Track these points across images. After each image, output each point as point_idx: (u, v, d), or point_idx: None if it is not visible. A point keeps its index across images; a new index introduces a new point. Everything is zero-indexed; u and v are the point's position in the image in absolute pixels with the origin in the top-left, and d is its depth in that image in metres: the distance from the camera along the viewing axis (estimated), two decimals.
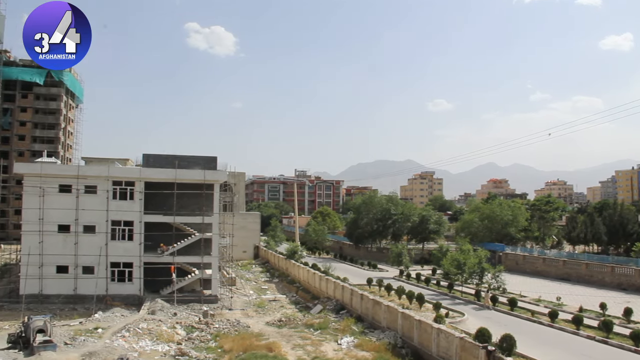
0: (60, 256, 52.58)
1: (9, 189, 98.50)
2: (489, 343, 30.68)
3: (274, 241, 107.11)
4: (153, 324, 43.00)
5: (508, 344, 31.91)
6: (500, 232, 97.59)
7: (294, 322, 46.23)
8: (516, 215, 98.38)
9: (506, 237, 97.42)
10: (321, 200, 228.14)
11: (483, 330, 33.44)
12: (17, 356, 34.87)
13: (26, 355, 34.87)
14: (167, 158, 58.45)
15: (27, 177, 54.04)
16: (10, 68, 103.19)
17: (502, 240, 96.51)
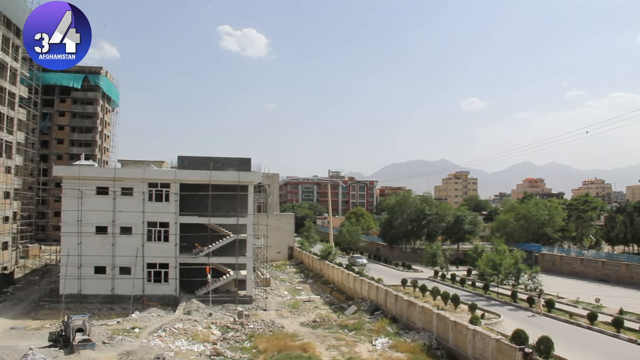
0: (98, 257, 53.50)
1: (48, 192, 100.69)
2: (525, 345, 30.19)
3: (308, 242, 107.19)
4: (189, 324, 43.43)
5: (545, 346, 31.40)
6: (537, 232, 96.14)
7: (328, 323, 46.20)
8: (553, 215, 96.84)
9: (542, 237, 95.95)
10: (355, 201, 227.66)
11: (520, 332, 32.96)
12: (57, 354, 35.64)
13: (66, 353, 35.62)
14: (201, 160, 58.95)
15: (65, 180, 55.12)
16: (49, 73, 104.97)
17: (539, 240, 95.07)
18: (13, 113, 72.11)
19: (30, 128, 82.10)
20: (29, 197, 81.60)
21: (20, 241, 77.40)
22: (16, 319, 46.76)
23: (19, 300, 55.08)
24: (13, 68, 72.10)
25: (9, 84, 70.69)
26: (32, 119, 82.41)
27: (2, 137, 68.56)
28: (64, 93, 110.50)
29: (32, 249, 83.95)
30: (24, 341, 38.61)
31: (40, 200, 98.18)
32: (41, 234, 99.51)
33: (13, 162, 72.67)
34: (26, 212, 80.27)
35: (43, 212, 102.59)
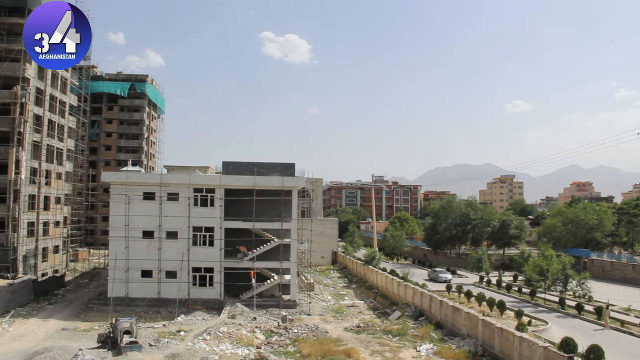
0: (145, 261, 54.33)
1: (97, 197, 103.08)
2: (574, 353, 29.40)
3: (352, 247, 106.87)
4: (233, 328, 43.73)
5: (595, 355, 30.44)
6: (585, 237, 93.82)
7: (372, 328, 45.94)
8: (602, 219, 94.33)
9: (591, 242, 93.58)
10: (399, 206, 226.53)
11: (568, 340, 32.13)
12: (106, 355, 36.45)
13: (114, 354, 36.35)
14: (246, 165, 59.42)
15: (113, 186, 56.25)
16: (97, 82, 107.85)
17: (587, 245, 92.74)
18: (63, 121, 74.12)
19: (79, 135, 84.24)
20: (78, 202, 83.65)
21: (71, 245, 79.46)
22: (67, 320, 47.99)
23: (69, 302, 56.50)
24: (63, 77, 74.14)
25: (60, 93, 72.69)
26: (81, 126, 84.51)
27: (53, 145, 70.49)
28: (111, 101, 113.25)
29: (81, 252, 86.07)
30: (74, 342, 39.59)
31: (89, 206, 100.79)
32: (90, 238, 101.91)
33: (64, 168, 74.68)
34: (76, 217, 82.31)
35: (92, 216, 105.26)
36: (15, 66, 61.63)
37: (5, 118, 61.30)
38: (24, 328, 45.09)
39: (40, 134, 66.41)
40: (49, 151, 69.66)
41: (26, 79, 62.59)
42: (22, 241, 61.82)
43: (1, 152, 60.68)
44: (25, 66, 62.12)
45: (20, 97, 61.38)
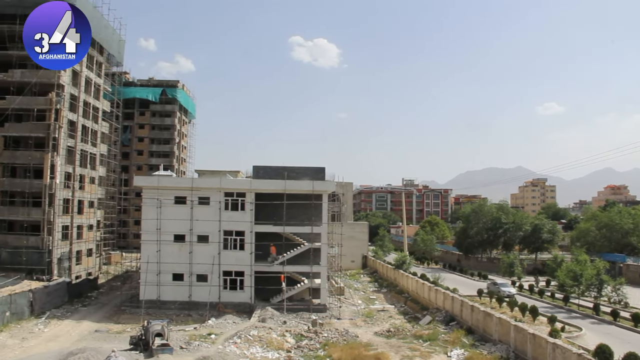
0: (176, 264, 54.87)
1: (129, 201, 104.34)
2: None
3: (382, 251, 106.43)
4: (263, 332, 43.90)
5: None
6: (621, 242, 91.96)
7: (402, 333, 45.75)
8: (638, 223, 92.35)
9: (627, 247, 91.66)
10: (429, 210, 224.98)
11: (603, 347, 31.55)
12: (138, 357, 36.95)
13: (146, 357, 36.79)
14: (276, 169, 59.61)
15: (145, 190, 56.97)
16: (129, 88, 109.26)
17: (623, 250, 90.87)
18: (97, 126, 75.28)
19: (112, 140, 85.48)
20: (111, 206, 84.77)
21: (103, 248, 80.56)
22: (100, 322, 48.67)
23: (102, 305, 57.31)
24: (97, 84, 75.32)
25: (93, 99, 73.87)
26: (114, 131, 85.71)
27: (87, 150, 71.62)
28: (143, 106, 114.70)
29: (114, 256, 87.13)
30: (107, 343, 40.15)
31: (121, 209, 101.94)
32: (122, 242, 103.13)
33: (97, 173, 75.84)
34: (109, 221, 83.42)
35: (124, 220, 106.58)
36: (50, 73, 62.69)
37: (40, 124, 62.50)
38: (59, 329, 45.91)
39: (74, 139, 67.55)
40: (83, 156, 70.81)
41: (61, 86, 63.73)
42: (57, 244, 62.87)
43: (37, 157, 61.86)
44: (59, 73, 63.22)
45: (55, 103, 62.49)
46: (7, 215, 62.79)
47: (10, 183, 63.06)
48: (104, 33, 74.89)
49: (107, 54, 78.67)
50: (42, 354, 38.09)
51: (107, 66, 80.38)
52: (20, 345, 40.47)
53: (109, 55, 79.62)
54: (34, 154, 62.30)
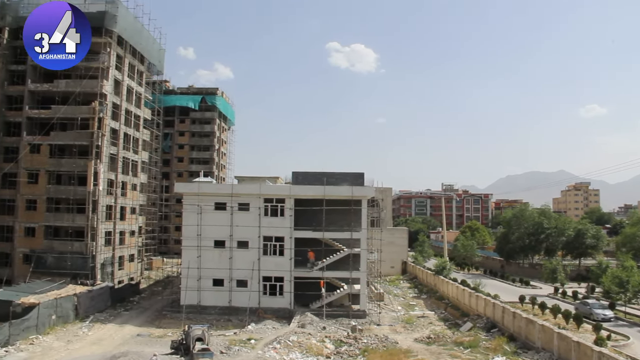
0: (217, 270, 55.30)
1: (170, 207, 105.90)
2: None
3: (422, 256, 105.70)
4: (303, 337, 43.85)
5: None
6: None
7: (443, 340, 45.25)
8: None
9: None
10: (469, 215, 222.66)
11: None
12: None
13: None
14: (315, 175, 59.63)
15: (186, 196, 57.60)
16: (170, 96, 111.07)
17: None
18: (138, 134, 76.59)
19: (153, 148, 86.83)
20: (152, 212, 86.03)
21: (145, 254, 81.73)
22: (142, 327, 49.37)
23: (144, 309, 58.11)
24: (138, 92, 76.70)
25: (135, 107, 75.21)
26: (155, 139, 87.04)
27: (128, 157, 72.87)
28: (183, 114, 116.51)
29: (155, 261, 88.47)
30: (148, 347, 40.77)
31: (162, 216, 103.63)
32: (163, 247, 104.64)
33: (138, 179, 77.10)
34: (150, 227, 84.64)
35: (165, 226, 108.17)
36: (93, 83, 64.21)
37: (84, 132, 63.91)
38: (102, 333, 46.72)
39: (116, 146, 68.86)
40: (125, 163, 72.10)
41: (103, 95, 65.06)
42: (100, 250, 64.10)
43: (81, 164, 63.23)
44: (102, 82, 64.66)
45: (98, 112, 63.82)
46: (53, 221, 64.29)
47: (56, 190, 64.59)
48: (144, 43, 76.28)
49: (147, 63, 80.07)
50: (86, 357, 38.89)
51: (147, 75, 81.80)
52: (66, 347, 41.39)
53: (150, 64, 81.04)
54: (78, 161, 63.72)
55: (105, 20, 65.05)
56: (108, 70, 66.03)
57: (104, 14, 65.04)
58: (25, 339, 41.73)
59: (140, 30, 74.73)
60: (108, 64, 65.94)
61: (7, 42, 66.16)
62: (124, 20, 68.66)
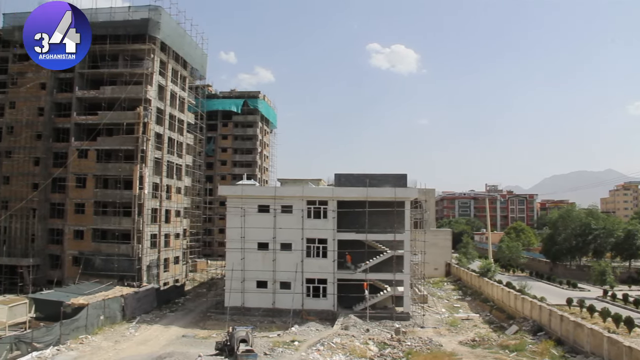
0: (260, 272, 55.71)
1: (214, 210, 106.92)
2: None
3: (466, 258, 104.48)
4: (346, 339, 43.80)
5: None
6: None
7: (488, 343, 44.61)
8: None
9: None
10: (514, 216, 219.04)
11: None
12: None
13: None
14: (357, 177, 59.53)
15: (229, 199, 58.15)
16: (212, 100, 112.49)
17: None
18: (182, 138, 77.69)
19: (197, 151, 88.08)
20: (196, 215, 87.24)
21: (190, 256, 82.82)
22: (187, 328, 50.04)
23: (188, 311, 58.87)
24: (181, 97, 77.84)
25: (178, 112, 76.35)
26: (198, 142, 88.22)
27: (173, 161, 73.96)
28: (226, 118, 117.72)
29: (199, 263, 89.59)
30: (193, 348, 41.33)
31: (206, 218, 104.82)
32: (207, 250, 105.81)
33: (183, 183, 78.19)
34: (194, 229, 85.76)
35: (209, 229, 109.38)
36: (138, 89, 65.48)
37: (130, 137, 65.19)
38: (148, 333, 47.54)
39: (161, 151, 69.96)
40: (169, 167, 73.20)
41: (148, 100, 66.24)
42: (146, 252, 65.24)
43: (127, 169, 64.48)
44: (147, 88, 65.85)
45: (143, 117, 65.00)
46: (101, 224, 65.71)
47: (103, 194, 66.06)
48: (187, 48, 77.42)
49: (190, 68, 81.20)
50: (133, 357, 39.65)
51: (190, 80, 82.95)
52: (114, 347, 42.30)
53: (193, 69, 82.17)
54: (124, 165, 65.00)
55: (148, 27, 66.39)
56: (152, 76, 67.24)
57: (147, 22, 66.41)
58: (75, 338, 42.84)
59: (183, 36, 75.85)
60: (152, 70, 67.15)
61: None
62: (167, 26, 69.83)
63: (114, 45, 66.80)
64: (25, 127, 67.82)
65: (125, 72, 66.76)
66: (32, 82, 68.37)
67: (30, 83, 68.35)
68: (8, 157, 68.63)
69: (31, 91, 68.40)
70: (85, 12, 66.39)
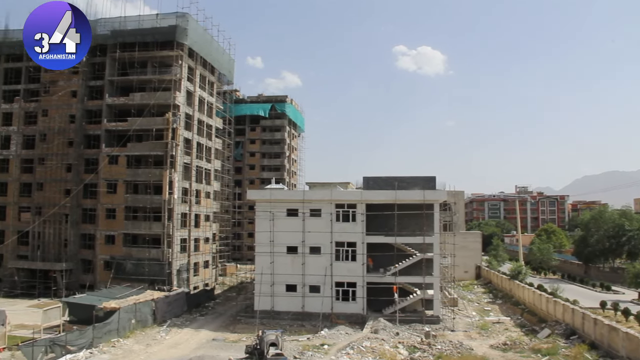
0: (289, 276, 55.79)
1: (242, 214, 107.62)
2: None
3: (496, 261, 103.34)
4: (376, 343, 43.70)
5: None
6: None
7: (519, 346, 44.07)
8: None
9: None
10: (544, 217, 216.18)
11: None
12: None
13: None
14: (386, 180, 59.42)
15: (258, 203, 58.46)
16: (240, 105, 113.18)
17: None
18: (210, 143, 78.27)
19: (225, 156, 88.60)
20: (226, 219, 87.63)
21: (219, 260, 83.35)
22: (217, 331, 50.33)
23: (218, 314, 59.23)
24: (209, 102, 78.48)
25: (207, 117, 76.96)
26: (226, 147, 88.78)
27: (202, 166, 74.54)
28: (253, 122, 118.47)
29: (229, 267, 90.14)
30: (223, 352, 41.59)
31: (235, 222, 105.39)
32: (237, 254, 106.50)
33: (212, 187, 78.75)
34: (224, 234, 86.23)
35: (238, 233, 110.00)
36: (167, 95, 66.17)
37: (159, 143, 65.86)
38: (179, 337, 47.95)
39: (190, 156, 70.56)
40: (198, 172, 73.77)
41: (176, 106, 66.90)
42: (176, 256, 65.74)
43: (156, 174, 65.11)
44: (175, 94, 66.52)
45: (172, 123, 65.61)
46: (131, 229, 66.48)
47: (133, 199, 66.82)
48: (214, 54, 78.04)
49: (218, 74, 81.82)
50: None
51: (218, 85, 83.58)
52: (145, 350, 42.78)
53: (220, 74, 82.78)
54: (154, 171, 65.65)
55: (176, 34, 67.07)
56: (180, 82, 67.89)
57: (175, 29, 67.09)
58: (107, 341, 43.40)
59: (210, 42, 76.48)
60: (180, 76, 67.81)
61: (85, 59, 69.10)
62: (195, 33, 70.46)
63: (142, 53, 67.70)
64: (57, 134, 68.99)
65: (154, 78, 67.55)
66: (63, 90, 69.59)
67: (61, 91, 69.57)
68: (41, 164, 69.88)
69: (63, 99, 69.61)
70: (114, 20, 68.77)
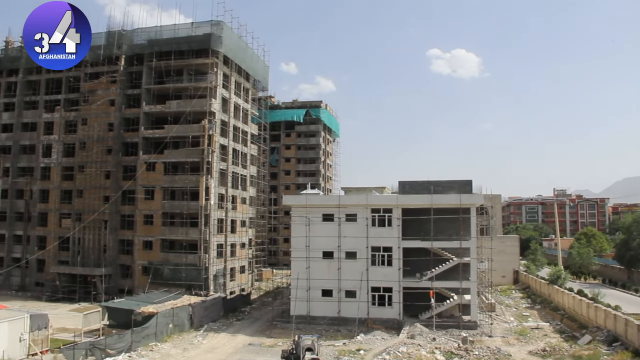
0: (325, 281, 55.83)
1: (278, 220, 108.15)
2: None
3: (534, 265, 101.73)
4: (412, 348, 43.41)
5: None
6: None
7: (559, 353, 43.28)
8: None
9: None
10: (584, 221, 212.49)
11: None
12: None
13: None
14: (421, 184, 59.04)
15: (294, 208, 58.65)
16: (275, 111, 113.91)
17: None
18: (246, 149, 78.96)
19: (261, 162, 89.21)
20: (261, 225, 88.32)
21: (255, 265, 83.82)
22: (253, 336, 50.63)
23: (254, 319, 59.57)
24: (245, 109, 79.18)
25: (242, 123, 77.66)
26: (262, 153, 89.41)
27: (237, 172, 75.18)
28: (288, 128, 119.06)
29: (265, 272, 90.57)
30: (260, 357, 41.97)
31: (271, 228, 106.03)
32: (273, 259, 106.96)
33: (248, 193, 79.38)
34: (260, 239, 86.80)
35: (274, 238, 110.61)
36: (202, 102, 67.00)
37: (195, 149, 66.72)
38: (216, 341, 48.34)
39: (226, 162, 71.23)
40: (234, 178, 74.42)
41: (212, 113, 67.67)
42: (213, 262, 66.43)
43: (193, 180, 65.94)
44: (211, 101, 67.30)
45: (208, 129, 66.39)
46: (169, 235, 67.39)
47: (170, 205, 67.75)
48: (249, 61, 78.76)
49: (252, 80, 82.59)
50: None
51: (253, 92, 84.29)
52: (182, 355, 43.23)
53: (255, 81, 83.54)
54: (190, 177, 66.53)
55: (211, 42, 67.92)
56: (216, 89, 68.65)
57: (210, 36, 67.97)
58: (145, 345, 44.01)
59: (245, 49, 77.22)
60: (215, 84, 68.59)
61: (123, 68, 70.55)
62: (229, 40, 71.20)
63: (178, 61, 68.70)
64: (96, 142, 70.46)
65: (190, 86, 68.46)
66: (102, 99, 71.06)
67: (100, 100, 71.05)
68: (81, 172, 71.46)
69: (101, 108, 71.09)
70: (151, 30, 70.10)
